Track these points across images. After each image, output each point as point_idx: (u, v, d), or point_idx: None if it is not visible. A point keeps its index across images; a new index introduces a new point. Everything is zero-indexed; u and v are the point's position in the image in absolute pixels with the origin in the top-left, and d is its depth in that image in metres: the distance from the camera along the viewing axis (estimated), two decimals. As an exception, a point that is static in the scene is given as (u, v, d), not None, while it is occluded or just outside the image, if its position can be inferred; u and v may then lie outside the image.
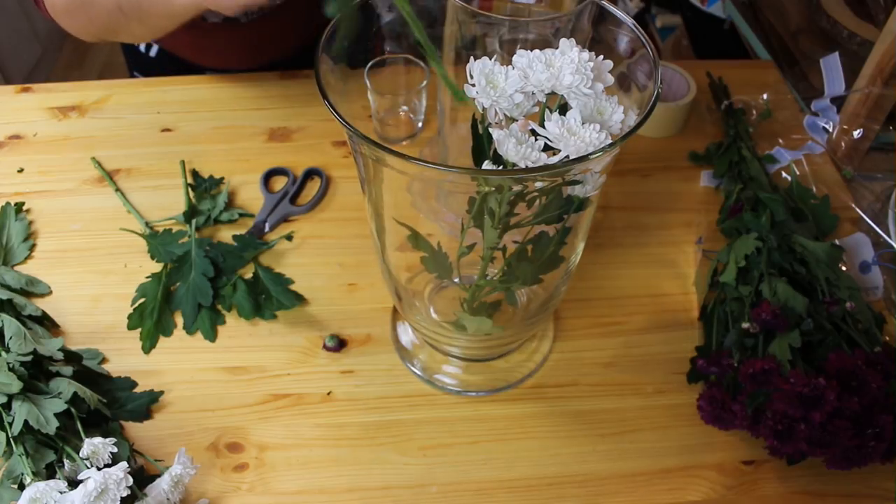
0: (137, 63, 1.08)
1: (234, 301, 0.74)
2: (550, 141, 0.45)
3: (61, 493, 0.55)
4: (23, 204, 0.83)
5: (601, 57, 0.48)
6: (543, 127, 0.46)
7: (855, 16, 1.06)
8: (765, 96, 0.95)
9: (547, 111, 0.48)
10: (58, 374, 0.64)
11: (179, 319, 0.74)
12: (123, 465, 0.57)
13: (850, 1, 1.08)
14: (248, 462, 0.64)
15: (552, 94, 0.47)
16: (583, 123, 0.46)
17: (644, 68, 0.52)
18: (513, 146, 0.45)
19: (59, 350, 0.67)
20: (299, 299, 0.75)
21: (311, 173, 0.87)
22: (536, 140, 0.46)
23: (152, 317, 0.73)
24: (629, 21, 0.53)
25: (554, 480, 0.63)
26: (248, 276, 0.76)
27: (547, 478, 0.64)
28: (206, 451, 0.64)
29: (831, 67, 0.90)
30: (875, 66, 0.84)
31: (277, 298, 0.74)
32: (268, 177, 0.86)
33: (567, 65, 0.46)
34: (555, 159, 0.45)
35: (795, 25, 1.14)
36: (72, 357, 0.67)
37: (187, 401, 0.68)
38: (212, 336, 0.72)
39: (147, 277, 0.75)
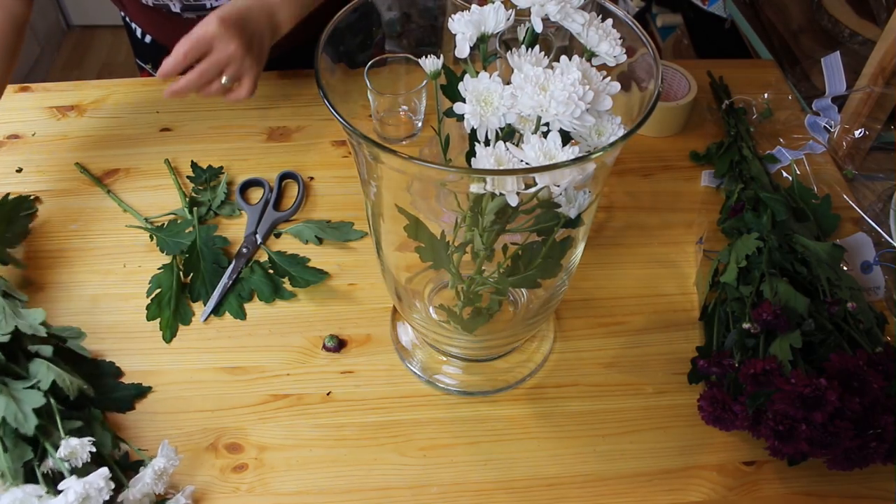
0: (138, 50, 1.08)
1: (252, 286, 0.75)
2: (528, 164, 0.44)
3: (39, 497, 0.54)
4: (21, 203, 0.83)
5: (608, 78, 0.46)
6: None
7: (856, 15, 1.06)
8: (766, 96, 0.94)
9: (528, 132, 0.46)
10: (37, 355, 0.61)
11: (195, 308, 0.74)
12: (104, 471, 0.55)
13: (851, 0, 1.07)
14: (248, 462, 0.64)
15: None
16: (570, 143, 0.43)
17: (645, 68, 0.51)
18: (493, 166, 0.44)
19: (40, 324, 0.64)
20: (323, 274, 0.76)
21: (285, 177, 0.86)
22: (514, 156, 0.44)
23: (170, 306, 0.73)
24: (630, 20, 0.53)
25: (554, 481, 0.63)
26: (263, 259, 0.78)
27: (547, 478, 0.63)
28: (205, 451, 0.64)
29: (832, 67, 0.90)
30: (876, 66, 0.84)
31: (301, 277, 0.75)
32: (243, 189, 0.85)
33: (559, 91, 0.43)
34: (532, 190, 0.44)
35: (797, 24, 1.14)
36: (53, 337, 0.65)
37: (187, 401, 0.68)
38: (242, 315, 0.73)
39: (159, 269, 0.76)
